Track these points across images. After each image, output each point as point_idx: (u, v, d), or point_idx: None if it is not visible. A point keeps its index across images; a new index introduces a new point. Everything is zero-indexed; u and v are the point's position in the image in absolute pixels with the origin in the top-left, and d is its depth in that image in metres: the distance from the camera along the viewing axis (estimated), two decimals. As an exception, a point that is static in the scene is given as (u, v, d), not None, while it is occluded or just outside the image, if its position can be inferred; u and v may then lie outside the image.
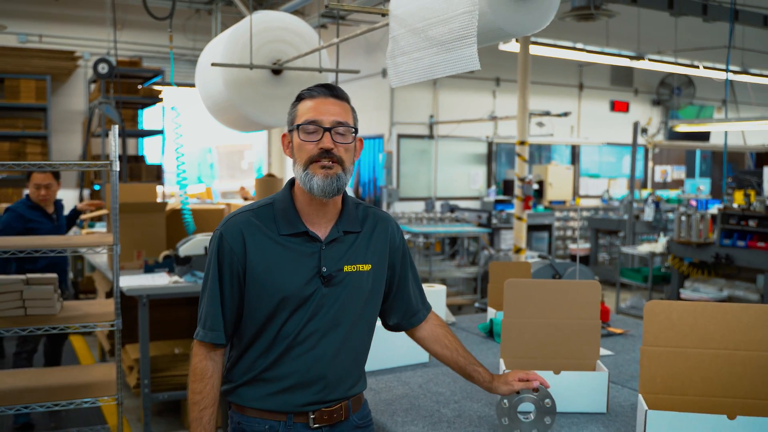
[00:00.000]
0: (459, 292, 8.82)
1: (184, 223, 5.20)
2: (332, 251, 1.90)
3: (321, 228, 1.92)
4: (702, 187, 11.93)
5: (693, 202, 8.72)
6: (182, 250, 4.69)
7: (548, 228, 11.31)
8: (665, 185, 14.38)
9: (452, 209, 10.65)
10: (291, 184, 1.97)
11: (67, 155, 11.59)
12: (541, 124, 11.69)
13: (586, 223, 11.78)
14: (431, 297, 3.26)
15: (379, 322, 2.18)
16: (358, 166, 12.91)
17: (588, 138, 13.00)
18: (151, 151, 12.46)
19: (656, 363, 2.06)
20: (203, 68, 4.77)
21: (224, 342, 1.90)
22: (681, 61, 10.69)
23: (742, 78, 11.51)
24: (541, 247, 11.16)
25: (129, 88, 10.32)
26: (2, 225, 4.76)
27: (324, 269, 1.88)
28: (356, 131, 1.93)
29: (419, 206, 11.59)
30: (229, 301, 1.90)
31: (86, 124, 10.56)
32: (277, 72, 4.52)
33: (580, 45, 9.33)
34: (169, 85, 10.39)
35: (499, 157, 12.68)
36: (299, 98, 1.95)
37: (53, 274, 3.49)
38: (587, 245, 11.26)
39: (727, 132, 10.90)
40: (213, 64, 4.22)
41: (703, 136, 14.16)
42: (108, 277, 4.83)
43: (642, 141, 9.82)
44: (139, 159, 11.27)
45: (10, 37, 11.22)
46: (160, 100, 10.48)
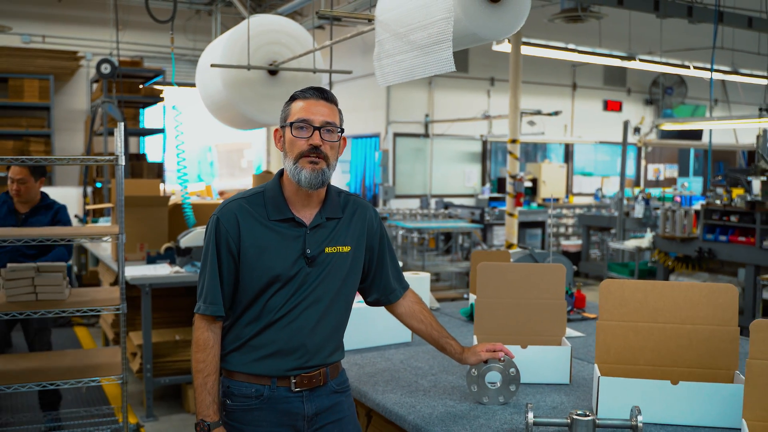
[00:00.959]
0: (452, 286, 9.05)
1: (184, 217, 5.42)
2: (316, 235, 2.12)
3: (306, 214, 2.13)
4: (686, 184, 12.15)
5: (678, 199, 8.94)
6: (183, 242, 4.91)
7: (542, 225, 11.54)
8: (658, 183, 14.61)
9: (446, 206, 10.88)
10: (280, 174, 2.17)
11: (69, 153, 11.79)
12: (532, 123, 11.90)
13: (579, 220, 12.00)
14: (416, 283, 3.49)
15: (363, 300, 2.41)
16: (355, 164, 13.14)
17: (581, 137, 13.22)
18: (152, 149, 12.65)
19: (610, 336, 2.28)
20: (203, 69, 4.99)
21: (223, 314, 2.10)
22: (671, 61, 10.92)
23: (729, 78, 11.72)
24: (534, 244, 11.37)
25: (131, 88, 10.51)
26: None
27: (308, 251, 2.09)
28: (342, 131, 2.16)
29: (415, 203, 11.82)
30: (226, 278, 2.10)
31: (89, 122, 10.78)
32: (273, 72, 4.75)
33: (572, 45, 9.56)
34: (170, 84, 10.62)
35: (493, 155, 12.90)
36: (293, 98, 2.15)
37: (63, 263, 3.72)
38: (579, 242, 11.49)
39: (714, 131, 11.12)
40: (212, 65, 4.44)
41: (696, 135, 14.38)
42: (112, 268, 5.05)
43: (632, 140, 10.02)
44: (141, 157, 11.47)
45: (14, 38, 11.42)
46: (161, 99, 10.67)
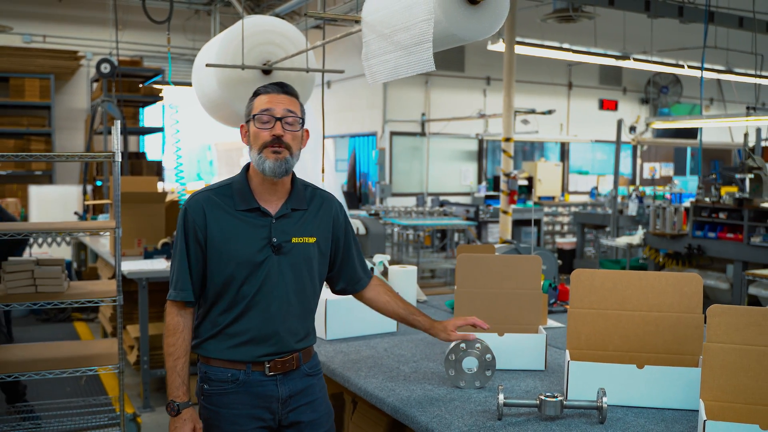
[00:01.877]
0: (447, 282, 9.17)
1: (181, 214, 5.53)
2: (282, 225, 2.21)
3: (272, 205, 2.22)
4: (676, 182, 12.26)
5: (668, 196, 9.06)
6: (179, 238, 5.02)
7: (537, 223, 11.65)
8: (653, 182, 14.72)
9: (442, 204, 10.99)
10: (247, 168, 2.27)
11: (69, 152, 11.90)
12: (526, 122, 12.01)
13: (574, 218, 12.11)
14: (404, 277, 3.61)
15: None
16: (351, 162, 13.25)
17: (577, 135, 13.33)
18: (151, 148, 12.76)
19: (581, 323, 2.39)
20: (199, 69, 5.11)
21: (192, 300, 2.21)
22: (666, 60, 11.02)
23: (723, 77, 11.81)
24: (529, 241, 11.48)
25: (130, 87, 10.63)
26: None
27: (274, 239, 2.18)
28: (303, 122, 2.25)
29: (411, 201, 11.93)
30: (195, 266, 2.21)
31: (89, 121, 10.89)
32: (267, 72, 4.86)
33: (566, 45, 9.66)
34: (168, 84, 10.74)
35: (489, 153, 13.01)
36: (256, 94, 2.24)
37: (61, 258, 3.84)
38: (574, 239, 11.59)
39: (710, 129, 11.22)
40: (207, 64, 4.56)
41: (692, 134, 14.49)
42: (111, 263, 5.17)
43: (626, 138, 10.13)
44: (140, 156, 11.59)
45: (15, 37, 11.53)
46: (161, 98, 10.79)
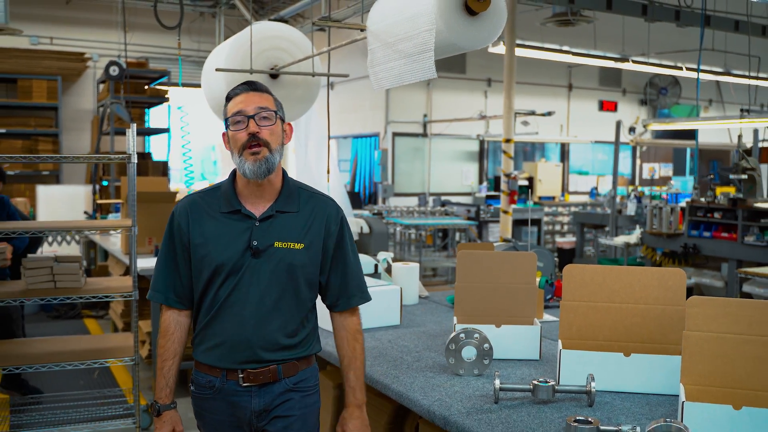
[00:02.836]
0: (448, 280, 9.34)
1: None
2: (266, 228, 2.14)
3: (259, 207, 2.16)
4: (672, 182, 12.43)
5: (665, 196, 9.22)
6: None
7: (538, 222, 11.82)
8: (653, 182, 14.88)
9: (443, 204, 11.16)
10: (235, 171, 2.22)
11: (76, 152, 12.08)
12: (525, 123, 12.18)
13: (574, 218, 12.28)
14: (406, 273, 3.79)
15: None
16: (354, 162, 13.42)
17: (577, 136, 13.50)
18: (156, 148, 12.94)
19: (573, 314, 2.56)
20: (208, 73, 5.28)
21: (163, 301, 2.22)
22: (664, 62, 11.19)
23: (720, 78, 11.97)
24: (531, 241, 11.64)
25: (136, 88, 10.80)
26: None
27: (255, 243, 2.11)
28: (280, 117, 2.17)
29: (413, 201, 12.10)
30: (183, 269, 2.20)
31: (98, 122, 11.07)
32: (274, 76, 5.03)
33: (566, 47, 9.83)
34: (176, 85, 10.94)
35: (491, 154, 13.18)
36: (227, 99, 2.19)
37: (78, 255, 4.01)
38: (574, 239, 11.76)
39: (709, 130, 11.37)
40: (217, 69, 4.73)
41: (691, 135, 14.66)
42: (123, 260, 5.34)
43: (624, 139, 10.31)
44: (146, 156, 11.77)
45: (23, 39, 11.71)
46: (166, 99, 10.96)
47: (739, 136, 7.21)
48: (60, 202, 10.07)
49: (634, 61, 10.76)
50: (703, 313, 2.12)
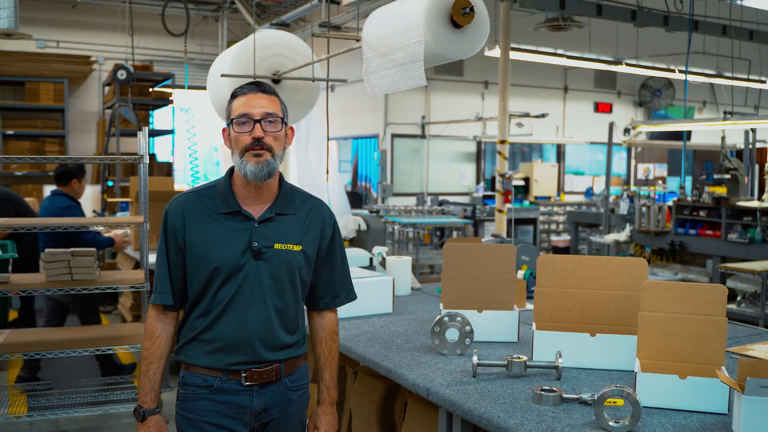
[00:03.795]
0: (445, 278, 9.59)
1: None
2: (265, 229, 2.14)
3: (256, 208, 2.16)
4: (661, 182, 12.70)
5: (654, 195, 9.50)
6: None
7: (533, 222, 12.10)
8: (647, 182, 15.15)
9: (440, 203, 11.44)
10: (231, 170, 2.21)
11: (82, 153, 12.36)
12: (520, 125, 12.46)
13: (568, 217, 12.55)
14: (400, 266, 4.06)
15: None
16: (355, 163, 13.69)
17: (572, 137, 13.77)
18: (160, 149, 13.21)
19: (546, 300, 2.83)
20: (214, 77, 5.55)
21: (173, 304, 2.16)
22: (657, 65, 11.46)
23: (709, 80, 12.23)
24: (526, 240, 11.92)
25: (141, 91, 11.09)
26: None
27: (255, 244, 2.11)
28: (285, 122, 2.16)
29: (412, 201, 12.38)
30: (175, 269, 2.16)
31: (102, 124, 11.37)
32: (276, 81, 5.31)
33: (560, 51, 10.11)
34: (181, 87, 11.23)
35: (488, 155, 13.46)
36: (233, 96, 2.16)
37: (93, 248, 4.29)
38: (569, 237, 12.03)
39: (703, 132, 11.62)
40: (222, 75, 5.01)
41: (686, 136, 14.94)
42: (133, 256, 5.62)
43: (617, 140, 10.58)
44: (151, 157, 12.05)
45: (30, 43, 11.98)
46: (170, 102, 11.25)
47: (723, 138, 7.48)
48: (66, 201, 10.34)
49: (627, 64, 11.04)
50: (656, 295, 2.40)
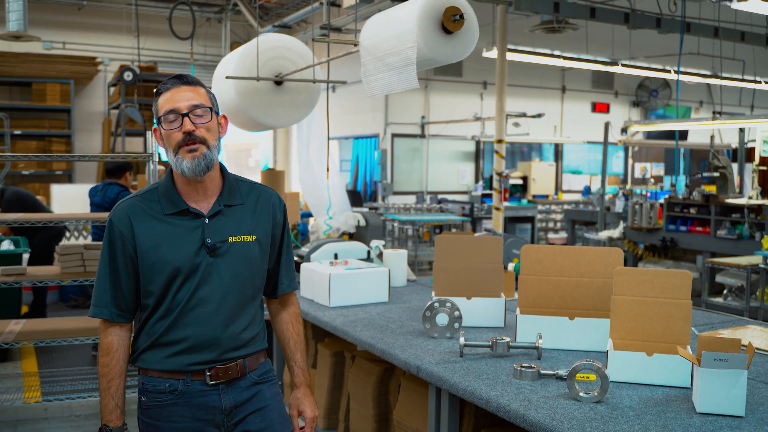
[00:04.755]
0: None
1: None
2: (216, 224, 2.08)
3: (203, 204, 2.09)
4: (653, 179, 12.91)
5: (646, 193, 9.71)
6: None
7: (531, 220, 12.32)
8: (644, 181, 15.36)
9: (439, 201, 11.66)
10: (172, 170, 2.12)
11: (88, 152, 12.60)
12: (517, 125, 12.67)
13: (565, 215, 12.75)
14: (395, 259, 4.28)
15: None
16: (356, 162, 13.91)
17: (570, 137, 13.99)
18: (163, 149, 13.43)
19: (529, 287, 3.05)
20: (218, 79, 5.78)
21: (109, 317, 2.06)
22: (653, 65, 11.66)
23: (704, 80, 12.42)
24: (524, 238, 12.14)
25: (146, 91, 11.32)
26: None
27: (208, 240, 2.05)
28: (215, 111, 2.09)
29: (412, 200, 12.60)
30: (125, 279, 2.06)
31: (111, 123, 11.60)
32: (278, 83, 5.54)
33: (557, 52, 10.32)
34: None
35: (487, 154, 13.67)
36: (158, 93, 2.07)
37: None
38: (566, 235, 12.24)
39: (699, 131, 11.81)
40: (227, 77, 5.24)
41: (682, 135, 15.14)
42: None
43: (620, 138, 10.80)
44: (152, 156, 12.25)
45: (37, 44, 12.23)
46: (175, 102, 11.45)
47: (711, 137, 7.69)
48: (73, 200, 10.57)
49: (623, 65, 11.25)
50: (628, 280, 2.61)
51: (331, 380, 3.79)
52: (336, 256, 4.30)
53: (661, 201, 8.16)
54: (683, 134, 15.07)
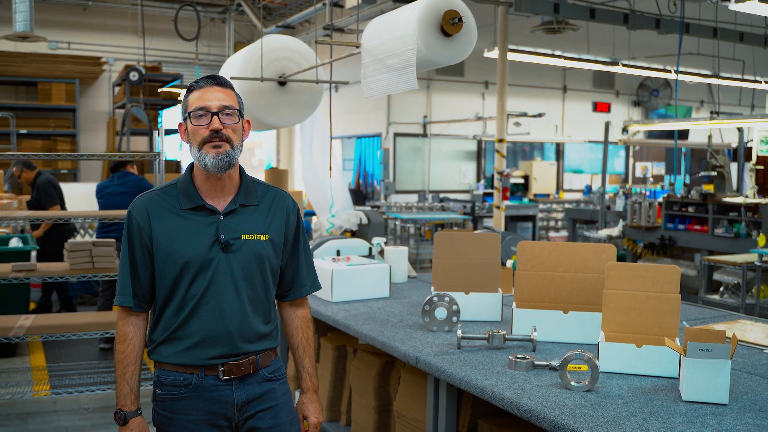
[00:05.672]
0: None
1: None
2: (231, 221, 2.14)
3: (219, 201, 2.16)
4: (651, 178, 13.00)
5: (645, 192, 9.80)
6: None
7: (532, 218, 12.41)
8: (644, 180, 15.44)
9: (441, 200, 11.76)
10: (191, 167, 2.19)
11: (93, 151, 12.70)
12: (518, 124, 12.76)
13: (566, 214, 12.84)
14: (396, 255, 4.38)
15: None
16: (358, 161, 14.02)
17: (571, 137, 14.07)
18: (168, 148, 13.56)
19: (525, 281, 3.14)
20: (223, 80, 5.91)
21: (132, 305, 2.13)
22: (653, 65, 11.75)
23: (703, 80, 12.50)
24: (525, 236, 12.23)
25: (150, 91, 11.44)
26: None
27: (222, 237, 2.11)
28: (241, 114, 2.18)
29: (414, 198, 12.70)
30: (142, 270, 2.14)
31: (116, 123, 11.71)
32: (282, 83, 5.64)
33: (558, 52, 10.41)
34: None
35: (488, 153, 13.77)
36: (189, 90, 2.15)
37: (111, 239, 4.63)
38: (567, 234, 12.33)
39: (699, 130, 11.88)
40: (231, 77, 5.34)
41: (683, 135, 15.22)
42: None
43: (613, 139, 10.89)
44: (159, 155, 12.36)
45: (42, 44, 12.32)
46: (179, 101, 11.56)
47: (709, 136, 7.78)
48: (79, 198, 10.67)
49: (623, 65, 11.33)
50: (619, 275, 2.71)
51: (333, 373, 3.89)
52: (338, 253, 4.40)
53: (660, 200, 8.25)
54: (684, 134, 15.15)
